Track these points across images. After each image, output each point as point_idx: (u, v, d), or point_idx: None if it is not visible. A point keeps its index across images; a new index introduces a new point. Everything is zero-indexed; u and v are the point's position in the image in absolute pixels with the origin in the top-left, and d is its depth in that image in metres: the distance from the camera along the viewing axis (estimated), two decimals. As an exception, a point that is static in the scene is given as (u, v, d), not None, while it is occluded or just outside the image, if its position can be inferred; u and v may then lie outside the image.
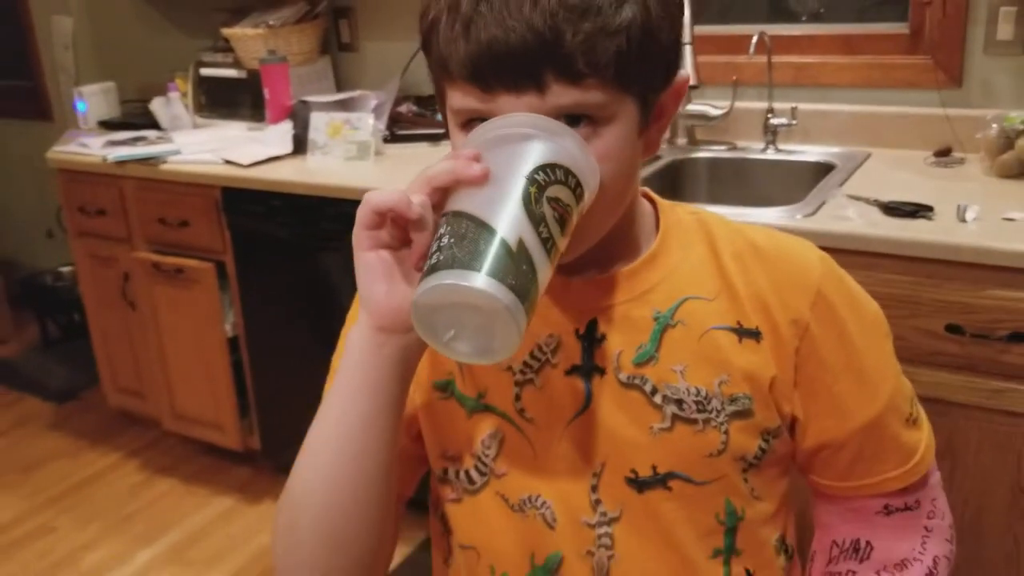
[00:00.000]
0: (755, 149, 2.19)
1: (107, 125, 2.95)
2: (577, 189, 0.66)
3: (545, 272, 0.64)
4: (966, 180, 1.84)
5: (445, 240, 0.63)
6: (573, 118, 0.66)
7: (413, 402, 0.82)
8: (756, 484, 0.79)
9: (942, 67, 1.99)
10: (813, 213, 1.69)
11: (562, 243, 0.65)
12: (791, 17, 2.32)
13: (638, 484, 0.76)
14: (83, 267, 2.87)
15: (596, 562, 0.77)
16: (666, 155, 2.22)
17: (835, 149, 2.10)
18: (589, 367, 0.76)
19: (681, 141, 2.27)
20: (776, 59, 2.14)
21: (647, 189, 0.83)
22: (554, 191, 0.64)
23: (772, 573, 0.82)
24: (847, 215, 1.67)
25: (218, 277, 2.51)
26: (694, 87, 2.11)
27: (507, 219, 0.63)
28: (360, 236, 0.68)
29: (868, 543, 0.82)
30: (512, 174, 0.64)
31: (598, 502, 0.77)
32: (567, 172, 0.65)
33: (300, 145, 2.42)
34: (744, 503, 0.78)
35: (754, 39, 2.06)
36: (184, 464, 2.87)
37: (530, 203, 0.63)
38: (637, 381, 0.76)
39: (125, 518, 2.62)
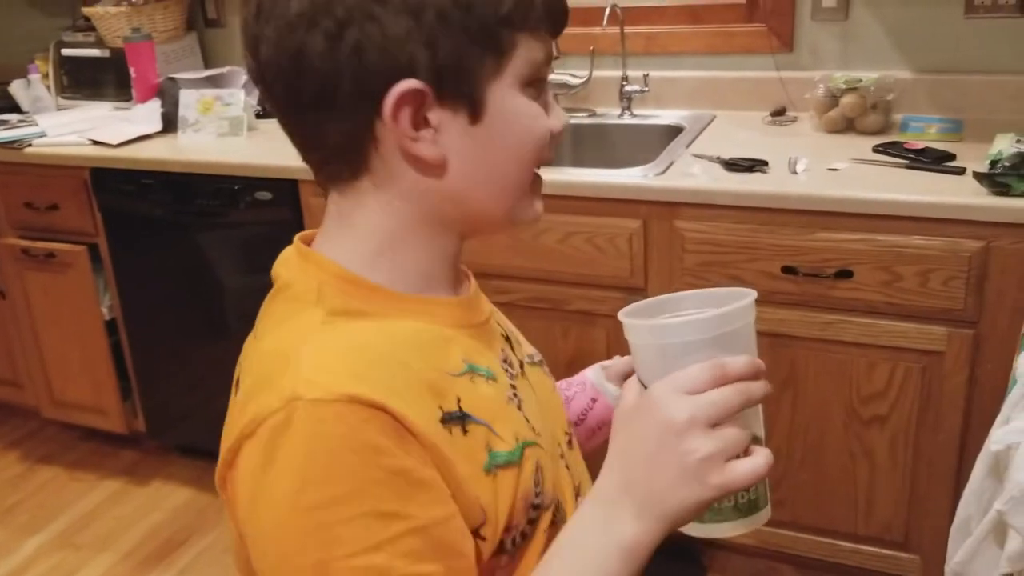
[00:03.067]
0: (612, 115, 2.32)
1: (-38, 110, 2.86)
2: None
3: None
4: (798, 136, 2.03)
5: None
6: None
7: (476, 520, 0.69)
8: None
9: (775, 33, 2.16)
10: (663, 172, 1.83)
11: None
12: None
13: (570, 443, 0.87)
14: (-54, 257, 2.78)
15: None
16: (531, 123, 2.32)
17: (684, 112, 2.26)
18: (520, 362, 0.83)
19: (545, 109, 2.38)
20: (628, 30, 2.27)
21: None
22: None
23: None
24: (692, 172, 1.82)
25: (92, 260, 2.49)
26: (555, 58, 2.22)
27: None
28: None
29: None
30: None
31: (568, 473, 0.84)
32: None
33: (170, 123, 2.42)
34: None
35: (607, 11, 2.19)
36: (67, 451, 2.84)
37: None
38: (530, 359, 0.87)
39: (8, 510, 2.58)
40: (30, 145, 2.43)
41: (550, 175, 1.93)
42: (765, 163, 1.78)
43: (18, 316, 2.67)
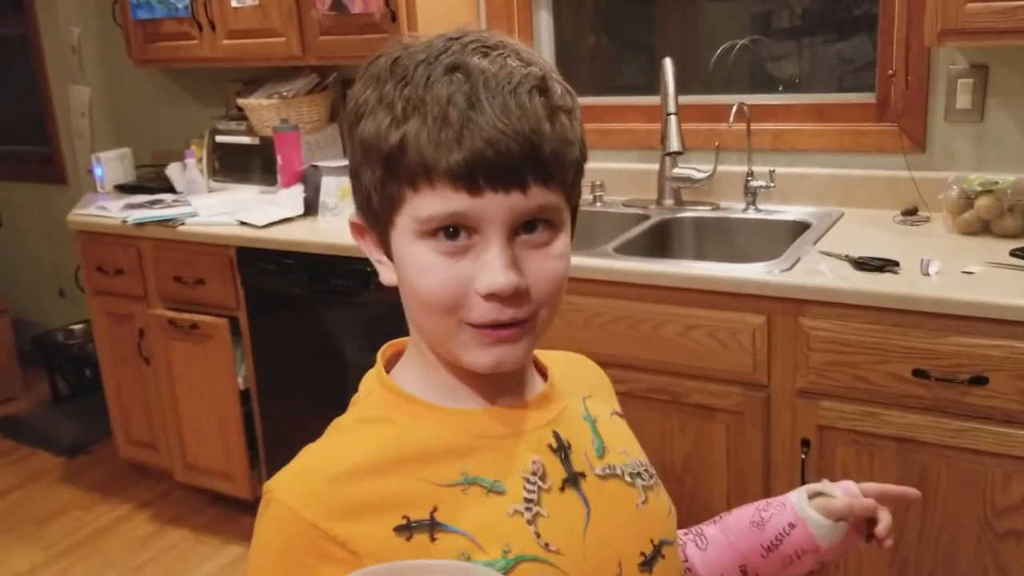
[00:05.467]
0: (737, 209, 2.34)
1: (123, 189, 3.10)
2: None
3: None
4: (930, 237, 1.99)
5: None
6: (535, 221, 0.72)
7: None
8: None
9: (907, 133, 2.15)
10: (789, 268, 1.84)
11: None
12: (770, 83, 2.49)
13: (648, 564, 0.83)
14: (99, 324, 2.98)
15: None
16: (654, 215, 2.37)
17: (811, 209, 2.26)
18: (574, 475, 0.81)
19: (668, 202, 2.42)
20: (755, 126, 2.30)
21: None
22: None
23: None
24: (820, 270, 1.81)
25: (231, 332, 2.64)
26: (679, 153, 2.27)
27: None
28: None
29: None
30: None
31: None
32: None
33: (311, 207, 2.57)
34: None
35: (734, 108, 2.23)
36: (195, 514, 2.96)
37: None
38: (609, 470, 0.83)
39: (139, 567, 2.71)
40: (183, 224, 2.62)
41: (670, 267, 1.97)
42: (896, 263, 1.76)
43: (160, 382, 2.84)
